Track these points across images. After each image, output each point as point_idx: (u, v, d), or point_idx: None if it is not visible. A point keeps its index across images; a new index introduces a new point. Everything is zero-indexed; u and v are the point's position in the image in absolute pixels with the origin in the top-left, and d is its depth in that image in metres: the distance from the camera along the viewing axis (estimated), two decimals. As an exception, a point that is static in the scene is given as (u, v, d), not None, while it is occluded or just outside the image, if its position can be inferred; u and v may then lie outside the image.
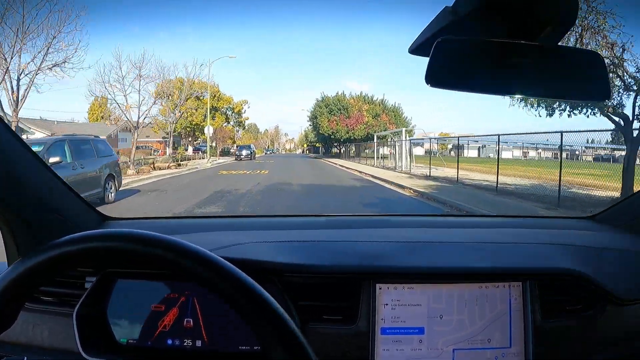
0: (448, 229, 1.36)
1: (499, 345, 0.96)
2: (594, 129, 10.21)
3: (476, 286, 0.97)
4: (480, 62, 0.69)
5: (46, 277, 0.62)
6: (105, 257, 0.63)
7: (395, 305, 0.96)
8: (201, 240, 0.88)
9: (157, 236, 0.62)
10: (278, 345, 0.57)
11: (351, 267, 0.99)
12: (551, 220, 1.58)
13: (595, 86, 0.71)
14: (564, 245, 1.12)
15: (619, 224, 1.29)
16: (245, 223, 1.48)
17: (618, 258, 1.12)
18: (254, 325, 0.58)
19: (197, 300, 0.96)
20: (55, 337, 0.99)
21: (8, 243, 1.01)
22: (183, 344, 0.95)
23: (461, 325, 0.95)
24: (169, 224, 1.44)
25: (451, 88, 0.71)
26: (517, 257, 1.07)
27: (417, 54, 0.76)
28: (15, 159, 0.93)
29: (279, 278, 0.97)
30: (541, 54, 0.68)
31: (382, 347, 0.94)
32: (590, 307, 1.01)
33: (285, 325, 0.57)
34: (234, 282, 0.59)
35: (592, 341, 1.00)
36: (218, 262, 0.61)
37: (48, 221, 1.03)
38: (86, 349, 0.90)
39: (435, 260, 1.04)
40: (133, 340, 0.95)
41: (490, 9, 0.66)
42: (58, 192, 1.07)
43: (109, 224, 1.27)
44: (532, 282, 0.98)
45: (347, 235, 1.24)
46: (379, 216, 1.81)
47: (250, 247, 1.08)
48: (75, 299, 0.95)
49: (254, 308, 0.58)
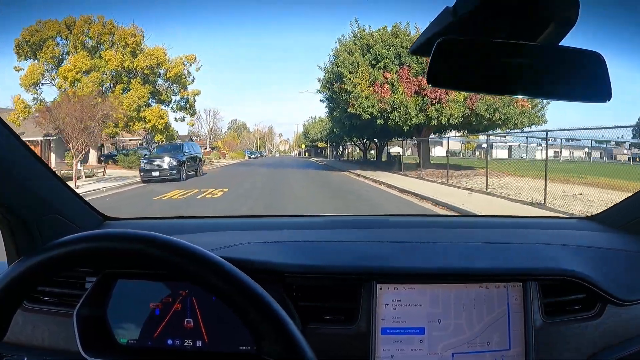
0: (448, 229, 1.36)
1: (498, 347, 0.96)
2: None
3: (476, 286, 0.97)
4: (481, 63, 0.69)
5: (46, 277, 0.62)
6: (105, 257, 0.63)
7: (396, 305, 0.95)
8: (201, 241, 0.88)
9: (157, 236, 0.62)
10: (277, 345, 0.57)
11: (352, 267, 0.99)
12: (551, 221, 1.58)
13: (597, 87, 0.71)
14: (564, 246, 1.12)
15: (619, 225, 1.29)
16: (246, 223, 1.48)
17: (618, 259, 1.12)
18: (253, 325, 0.58)
19: (197, 300, 0.96)
20: (55, 337, 0.99)
21: (8, 243, 1.01)
22: (183, 344, 0.95)
23: (460, 328, 0.95)
24: (169, 224, 1.43)
25: (452, 88, 0.71)
26: (517, 257, 1.07)
27: (418, 54, 0.76)
28: (15, 159, 0.93)
29: (279, 278, 0.97)
30: (542, 54, 0.68)
31: (382, 348, 0.94)
32: (590, 308, 1.01)
33: (285, 325, 0.57)
34: (233, 283, 0.59)
35: (592, 342, 0.99)
36: (217, 262, 0.61)
37: (48, 221, 1.03)
38: (86, 349, 0.89)
39: (436, 261, 1.03)
40: (133, 341, 0.95)
41: (491, 9, 0.66)
42: (58, 192, 1.07)
43: (109, 224, 1.27)
44: (532, 282, 0.98)
45: (348, 235, 1.24)
46: (379, 216, 1.81)
47: (250, 247, 1.08)
48: (75, 299, 0.95)
49: (253, 309, 0.58)
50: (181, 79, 24.42)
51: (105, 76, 21.59)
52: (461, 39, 0.68)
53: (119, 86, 22.21)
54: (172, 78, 23.91)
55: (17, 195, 0.95)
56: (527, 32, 0.67)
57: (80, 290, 0.98)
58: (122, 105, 20.82)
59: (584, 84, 0.71)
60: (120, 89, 22.21)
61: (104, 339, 0.95)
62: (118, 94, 21.71)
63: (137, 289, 0.97)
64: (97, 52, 21.71)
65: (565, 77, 0.70)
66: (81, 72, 20.65)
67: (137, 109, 21.70)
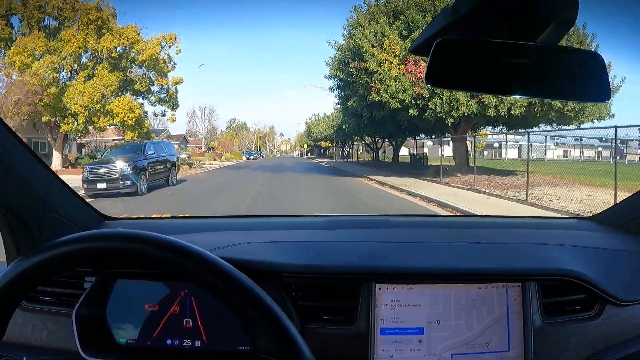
0: (447, 230, 1.36)
1: (498, 348, 0.95)
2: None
3: (475, 287, 0.97)
4: (480, 62, 0.69)
5: (45, 276, 0.62)
6: (105, 257, 0.63)
7: (395, 305, 0.95)
8: (200, 241, 0.88)
9: (156, 236, 0.62)
10: (274, 343, 0.57)
11: (351, 267, 0.99)
12: (551, 221, 1.58)
13: (596, 87, 0.72)
14: (563, 246, 1.12)
15: (618, 225, 1.29)
16: (245, 223, 1.48)
17: (618, 259, 1.12)
18: (249, 323, 0.58)
19: (196, 300, 0.96)
20: (54, 337, 0.99)
21: (8, 243, 1.01)
22: (182, 344, 0.95)
23: (459, 329, 0.95)
24: (168, 224, 1.44)
25: (451, 88, 0.72)
26: (516, 257, 1.07)
27: (418, 54, 0.76)
28: (15, 159, 0.93)
29: (278, 278, 0.97)
30: (541, 54, 0.68)
31: (381, 348, 0.94)
32: (590, 308, 1.01)
33: (280, 322, 0.57)
34: (230, 282, 0.59)
35: (591, 342, 0.99)
36: (214, 261, 0.61)
37: (48, 221, 1.03)
38: (85, 349, 0.89)
39: (435, 261, 1.03)
40: (132, 341, 0.95)
41: (490, 9, 0.66)
42: (58, 192, 1.07)
43: (108, 223, 1.27)
44: (531, 283, 0.98)
45: (347, 235, 1.24)
46: (378, 216, 1.81)
47: (249, 247, 1.08)
48: (75, 299, 0.95)
49: (249, 307, 0.58)
50: (158, 64, 19.28)
51: (66, 61, 17.30)
52: (461, 39, 0.68)
53: (81, 73, 17.73)
54: (148, 63, 18.82)
55: (17, 195, 0.95)
56: (527, 32, 0.67)
57: (79, 290, 0.98)
58: (82, 95, 16.63)
59: (583, 83, 0.71)
60: (83, 76, 17.61)
61: (103, 339, 0.95)
62: (80, 82, 17.30)
63: (136, 289, 0.97)
64: (58, 33, 17.65)
65: (564, 77, 0.70)
66: (33, 56, 16.54)
67: (100, 100, 17.20)
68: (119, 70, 18.44)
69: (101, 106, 17.38)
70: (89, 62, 18.45)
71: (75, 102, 16.47)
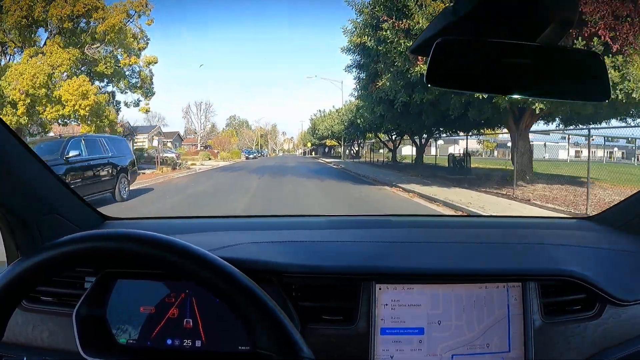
0: (447, 230, 1.36)
1: (498, 349, 0.95)
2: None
3: (475, 287, 0.97)
4: (480, 62, 0.69)
5: (45, 277, 0.62)
6: (105, 257, 0.63)
7: (395, 305, 0.95)
8: (201, 240, 0.88)
9: (156, 236, 0.62)
10: (272, 340, 0.57)
11: (351, 267, 0.99)
12: (550, 221, 1.58)
13: (595, 86, 0.72)
14: (563, 246, 1.12)
15: (618, 225, 1.29)
16: (245, 223, 1.48)
17: (617, 259, 1.12)
18: (248, 321, 0.58)
19: (197, 300, 0.96)
20: (54, 337, 0.99)
21: (8, 243, 1.01)
22: (182, 344, 0.95)
23: (460, 330, 0.95)
24: (168, 224, 1.43)
25: (451, 88, 0.72)
26: (517, 258, 1.07)
27: (418, 54, 0.76)
28: (15, 159, 0.93)
29: (278, 278, 0.97)
30: (541, 54, 0.68)
31: (381, 348, 0.94)
32: (590, 308, 1.01)
33: (279, 320, 0.57)
34: (230, 281, 0.59)
35: (591, 342, 0.99)
36: (214, 261, 0.61)
37: (48, 221, 1.03)
38: (86, 349, 0.90)
39: (435, 261, 1.03)
40: (132, 341, 0.95)
41: (490, 9, 0.66)
42: (58, 192, 1.07)
43: (109, 223, 1.27)
44: (531, 283, 0.98)
45: (347, 235, 1.24)
46: (378, 217, 1.81)
47: (249, 247, 1.08)
48: (75, 299, 0.95)
49: (249, 305, 0.58)
50: (126, 38, 14.48)
51: (8, 37, 13.33)
52: (460, 39, 0.68)
53: (26, 51, 13.81)
54: (111, 37, 13.84)
55: (17, 195, 0.95)
56: (527, 32, 0.67)
57: (79, 290, 0.98)
58: (22, 77, 12.50)
59: (583, 83, 0.71)
60: (29, 55, 13.62)
61: (103, 339, 0.95)
62: (25, 62, 13.14)
63: (137, 289, 0.97)
64: (0, 4, 13.63)
65: (564, 77, 0.70)
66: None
67: (45, 84, 12.84)
68: (74, 47, 14.01)
69: (46, 91, 13.22)
70: (33, 36, 14.21)
71: (13, 86, 12.52)
